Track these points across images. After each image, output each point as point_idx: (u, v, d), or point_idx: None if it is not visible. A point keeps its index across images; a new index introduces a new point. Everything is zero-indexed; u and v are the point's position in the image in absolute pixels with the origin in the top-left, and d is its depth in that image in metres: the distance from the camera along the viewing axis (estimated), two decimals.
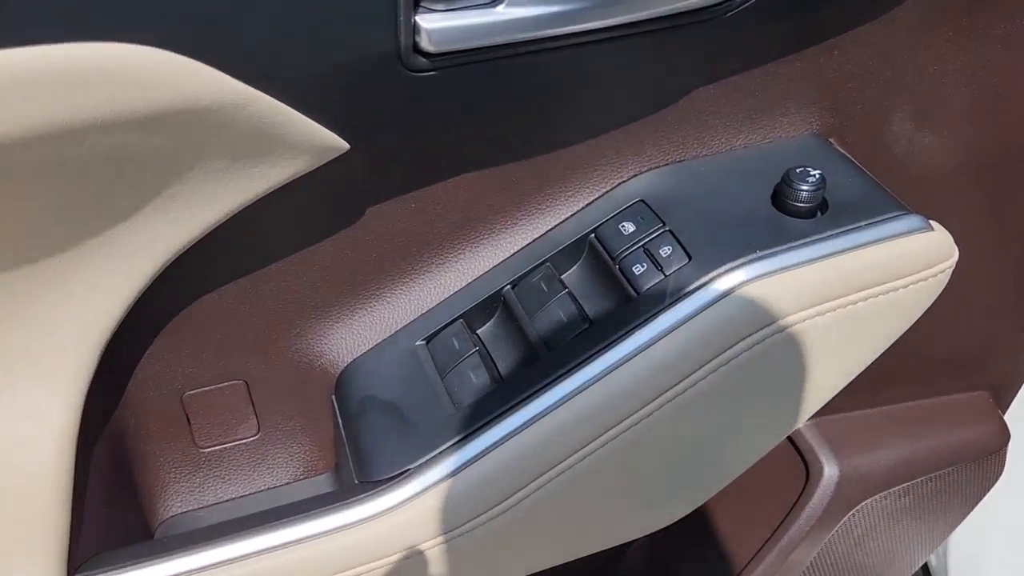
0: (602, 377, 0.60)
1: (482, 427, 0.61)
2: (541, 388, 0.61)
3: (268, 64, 0.48)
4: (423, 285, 0.69)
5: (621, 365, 0.60)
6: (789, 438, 0.95)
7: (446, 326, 0.68)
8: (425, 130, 0.59)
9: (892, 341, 0.69)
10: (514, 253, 0.69)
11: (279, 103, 0.49)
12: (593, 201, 0.69)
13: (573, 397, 0.60)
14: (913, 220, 0.64)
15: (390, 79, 0.53)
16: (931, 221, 0.66)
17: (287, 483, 0.74)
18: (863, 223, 0.64)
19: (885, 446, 0.97)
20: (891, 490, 0.98)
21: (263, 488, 0.74)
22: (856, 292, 0.63)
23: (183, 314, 0.65)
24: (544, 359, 0.63)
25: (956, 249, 0.66)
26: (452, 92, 0.56)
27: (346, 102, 0.53)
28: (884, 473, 0.96)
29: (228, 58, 0.46)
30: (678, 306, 0.60)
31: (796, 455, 0.95)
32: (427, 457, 0.61)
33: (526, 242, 0.69)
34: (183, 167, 0.51)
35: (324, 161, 0.56)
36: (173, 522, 0.73)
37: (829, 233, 0.63)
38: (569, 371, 0.61)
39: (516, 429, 0.60)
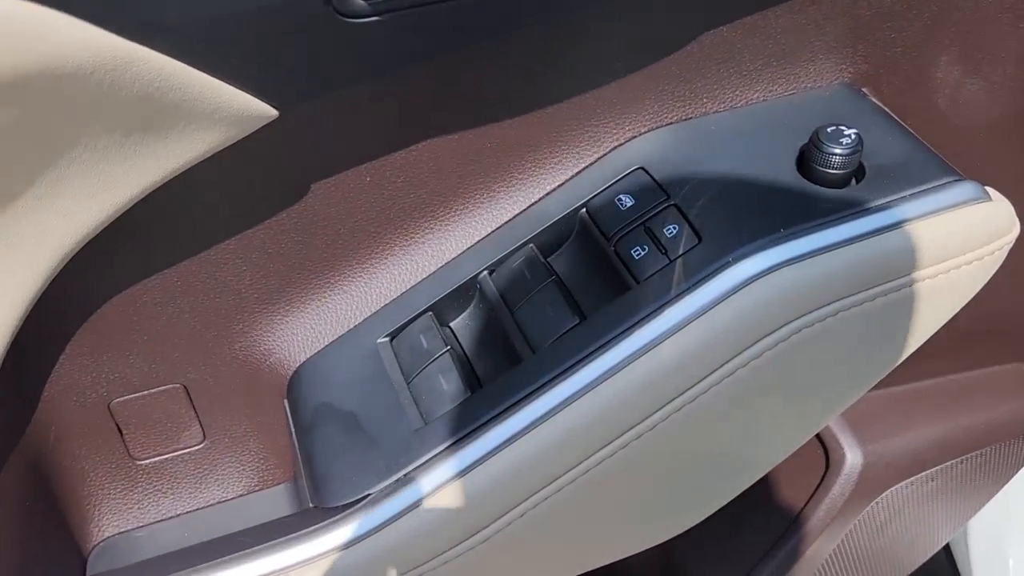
0: (597, 384, 0.50)
1: (454, 445, 0.52)
2: (524, 398, 0.51)
3: (153, 10, 0.37)
4: (385, 271, 0.59)
5: (619, 370, 0.50)
6: None
7: (412, 320, 0.58)
8: (372, 90, 0.48)
9: (941, 325, 0.59)
10: (491, 232, 0.59)
11: (174, 62, 0.38)
12: (584, 169, 0.59)
13: (562, 408, 0.50)
14: (968, 188, 0.54)
15: (321, 28, 0.42)
16: (988, 188, 0.55)
17: (239, 495, 0.65)
18: (908, 192, 0.53)
19: (914, 427, 0.88)
20: (919, 475, 0.89)
21: (212, 502, 0.65)
22: (901, 277, 0.53)
23: (100, 313, 0.55)
24: (528, 361, 0.53)
25: (1017, 221, 0.55)
26: (402, 41, 0.45)
27: (266, 58, 0.42)
28: (912, 458, 0.87)
29: (97, 5, 0.35)
30: (686, 299, 0.50)
31: (816, 440, 0.86)
32: (390, 480, 0.52)
33: (505, 219, 0.59)
34: (61, 145, 0.40)
35: (249, 131, 0.46)
36: (109, 543, 0.63)
37: (868, 206, 0.53)
38: (557, 377, 0.51)
39: (495, 448, 0.51)
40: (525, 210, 0.59)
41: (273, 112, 0.45)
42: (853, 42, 0.59)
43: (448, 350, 0.55)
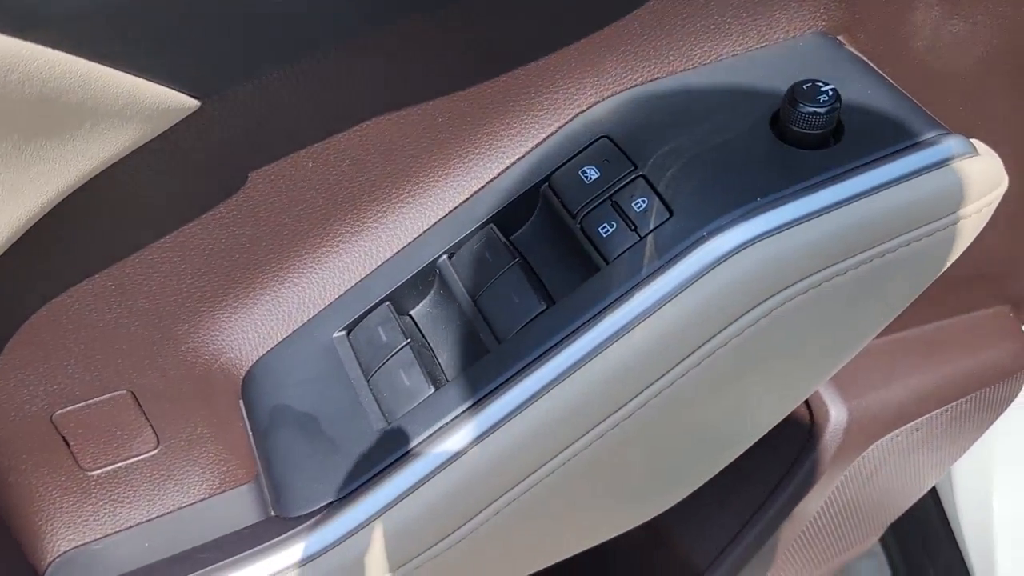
0: (568, 375, 0.47)
1: (419, 446, 0.48)
2: (492, 392, 0.48)
3: (33, 1, 0.32)
4: (337, 260, 0.55)
5: (591, 358, 0.47)
6: None
7: (369, 311, 0.54)
8: (304, 68, 0.44)
9: (930, 283, 0.56)
10: (449, 213, 0.55)
11: (70, 58, 0.34)
12: (544, 140, 0.54)
13: (533, 402, 0.47)
14: (955, 143, 0.50)
15: (235, 8, 0.37)
16: (974, 141, 0.52)
17: (200, 500, 0.62)
18: (891, 151, 0.50)
19: (897, 379, 0.86)
20: (904, 427, 0.87)
21: (172, 508, 0.61)
22: (888, 241, 0.49)
23: (31, 324, 0.51)
24: (494, 352, 0.49)
25: (1005, 174, 0.52)
26: (331, 16, 0.41)
27: (177, 46, 0.38)
28: (896, 410, 0.86)
29: None
30: (660, 279, 0.47)
31: None
32: (354, 486, 0.49)
33: (463, 198, 0.55)
34: None
35: (169, 124, 0.41)
36: (66, 559, 0.60)
37: (850, 167, 0.49)
38: (526, 368, 0.48)
39: (463, 448, 0.48)
40: (484, 187, 0.55)
41: (193, 103, 0.40)
42: None
43: (408, 343, 0.52)
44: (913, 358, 0.87)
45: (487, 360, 0.49)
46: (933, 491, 1.38)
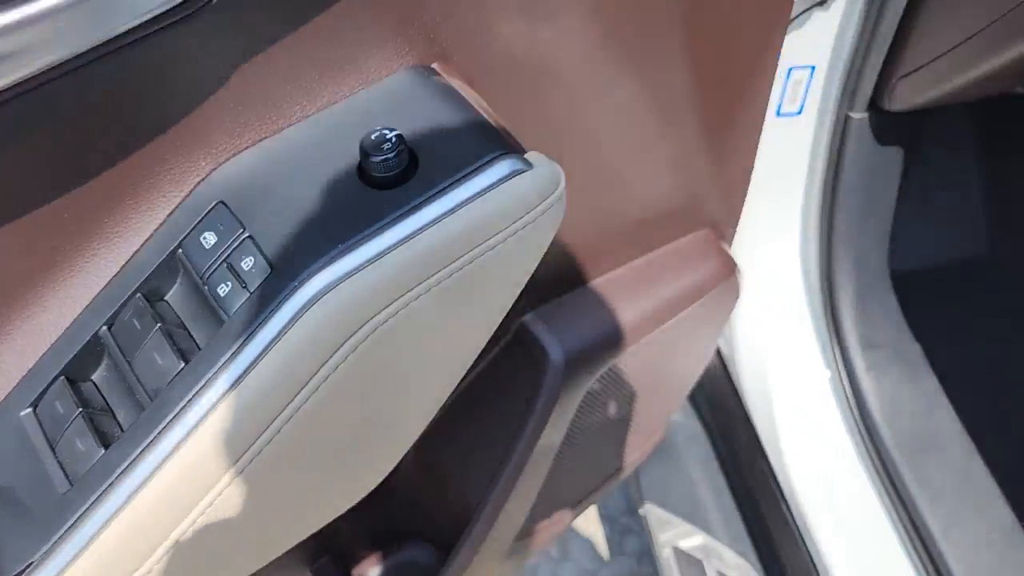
0: (198, 426, 0.56)
1: (96, 501, 0.57)
2: (144, 449, 0.56)
3: None
4: (14, 346, 0.62)
5: (215, 409, 0.55)
6: (515, 335, 0.94)
7: (48, 386, 0.61)
8: None
9: (531, 272, 0.66)
10: (103, 288, 0.62)
11: None
12: (173, 211, 0.61)
13: (174, 454, 0.56)
14: (507, 163, 0.59)
15: None
16: (531, 155, 0.61)
17: None
18: (454, 179, 0.59)
19: (612, 313, 0.97)
20: (626, 352, 0.99)
21: None
22: (465, 255, 0.59)
23: None
24: (147, 411, 0.58)
25: (561, 175, 0.62)
26: None
27: None
28: (612, 341, 0.97)
29: None
30: (263, 330, 0.55)
31: (524, 351, 0.94)
32: (46, 546, 0.57)
33: (113, 272, 0.62)
34: None
35: None
36: None
37: (418, 200, 0.58)
38: (170, 424, 0.56)
39: (128, 497, 0.56)
40: (129, 260, 0.62)
41: None
42: (409, 20, 0.62)
43: (80, 412, 0.59)
44: (626, 291, 0.99)
45: (140, 419, 0.57)
46: (726, 371, 1.53)
